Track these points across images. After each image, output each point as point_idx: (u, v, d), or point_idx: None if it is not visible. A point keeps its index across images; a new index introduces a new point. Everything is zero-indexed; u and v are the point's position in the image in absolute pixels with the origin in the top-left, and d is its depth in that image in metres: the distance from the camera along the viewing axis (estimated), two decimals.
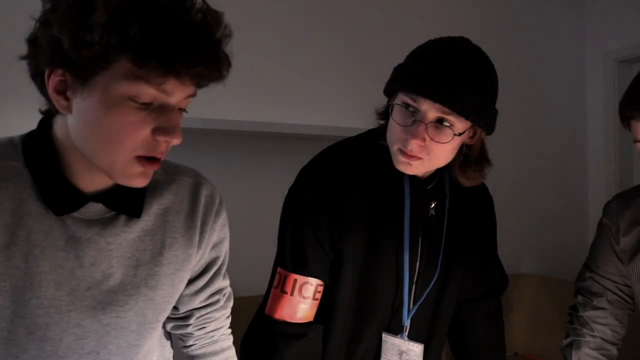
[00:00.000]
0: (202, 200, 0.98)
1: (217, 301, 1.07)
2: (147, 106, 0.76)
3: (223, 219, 1.03)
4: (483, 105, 1.07)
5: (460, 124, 1.07)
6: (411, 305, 1.26)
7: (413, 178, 1.20)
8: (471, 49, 1.11)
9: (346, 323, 1.25)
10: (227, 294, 1.10)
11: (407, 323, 1.27)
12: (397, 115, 1.10)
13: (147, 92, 0.75)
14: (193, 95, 0.81)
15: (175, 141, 0.79)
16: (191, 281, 1.02)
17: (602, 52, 3.12)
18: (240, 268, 2.11)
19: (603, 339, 1.36)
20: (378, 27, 2.64)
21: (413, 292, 1.26)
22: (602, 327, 1.36)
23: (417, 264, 1.24)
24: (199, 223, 0.98)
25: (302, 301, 1.19)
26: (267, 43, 2.39)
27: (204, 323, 1.07)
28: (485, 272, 1.40)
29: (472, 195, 1.32)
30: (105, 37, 0.70)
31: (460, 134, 1.08)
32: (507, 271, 1.44)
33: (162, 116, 0.77)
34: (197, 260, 1.00)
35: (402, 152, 1.10)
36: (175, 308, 1.04)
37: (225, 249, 1.06)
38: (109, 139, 0.77)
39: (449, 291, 1.31)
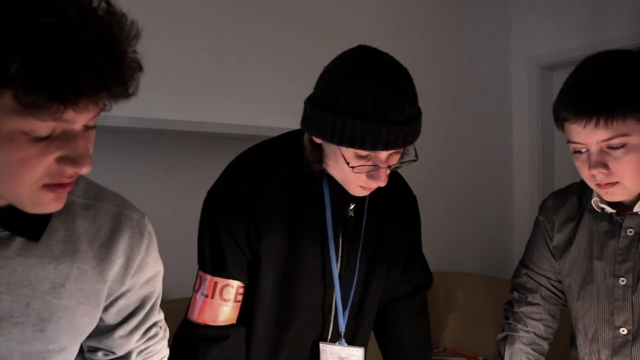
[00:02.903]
0: (128, 233, 0.89)
1: (156, 334, 1.01)
2: (46, 137, 0.66)
3: (155, 251, 0.95)
4: (421, 121, 1.13)
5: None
6: (344, 309, 1.27)
7: (332, 181, 1.20)
8: (396, 70, 1.10)
9: (267, 325, 1.24)
10: (163, 326, 1.05)
11: (343, 329, 1.27)
12: (357, 168, 1.09)
13: (42, 126, 0.64)
14: (102, 110, 0.70)
15: (85, 170, 0.70)
16: (124, 321, 0.95)
17: (526, 58, 3.25)
18: (172, 270, 2.03)
19: (536, 334, 1.40)
20: (309, 27, 2.63)
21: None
22: (535, 322, 1.40)
23: (338, 265, 1.25)
24: (119, 260, 0.88)
25: (223, 304, 1.18)
26: (197, 40, 2.33)
27: (147, 358, 1.01)
28: (410, 271, 1.42)
29: (394, 194, 1.34)
30: None
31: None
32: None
33: (66, 144, 0.68)
34: (116, 294, 0.92)
35: (364, 187, 1.14)
36: (111, 352, 0.97)
37: (160, 282, 1.00)
38: (5, 176, 0.67)
39: (372, 291, 1.32)
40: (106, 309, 0.93)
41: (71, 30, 0.61)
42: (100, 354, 0.97)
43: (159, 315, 1.02)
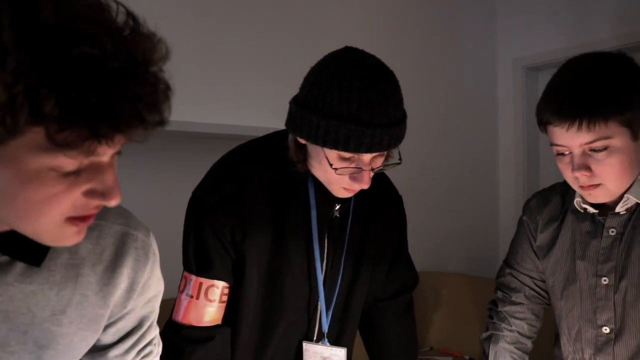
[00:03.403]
0: (132, 255, 0.85)
1: (150, 352, 0.97)
2: (74, 172, 0.62)
3: (158, 271, 0.92)
4: (406, 124, 1.12)
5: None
6: (327, 310, 1.27)
7: (317, 181, 1.20)
8: (382, 73, 1.10)
9: (253, 326, 1.23)
10: (157, 342, 1.01)
11: (327, 329, 1.27)
12: (340, 170, 1.10)
13: (71, 162, 0.61)
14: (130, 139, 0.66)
15: (114, 203, 0.66)
16: (120, 340, 0.92)
17: (512, 59, 3.27)
18: (163, 271, 2.03)
19: (520, 333, 1.41)
20: (297, 28, 2.63)
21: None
22: (519, 321, 1.41)
23: (324, 265, 1.25)
24: (123, 284, 0.85)
25: (208, 304, 1.17)
26: (186, 41, 2.32)
27: None
28: (396, 271, 1.43)
29: (380, 195, 1.34)
30: (10, 116, 0.54)
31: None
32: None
33: (94, 177, 0.64)
34: (117, 316, 0.89)
35: (347, 189, 1.14)
36: None
37: (159, 301, 0.96)
38: (29, 212, 0.63)
39: (358, 292, 1.32)
40: (104, 329, 0.90)
41: (104, 59, 0.57)
42: None
43: (154, 332, 0.99)
